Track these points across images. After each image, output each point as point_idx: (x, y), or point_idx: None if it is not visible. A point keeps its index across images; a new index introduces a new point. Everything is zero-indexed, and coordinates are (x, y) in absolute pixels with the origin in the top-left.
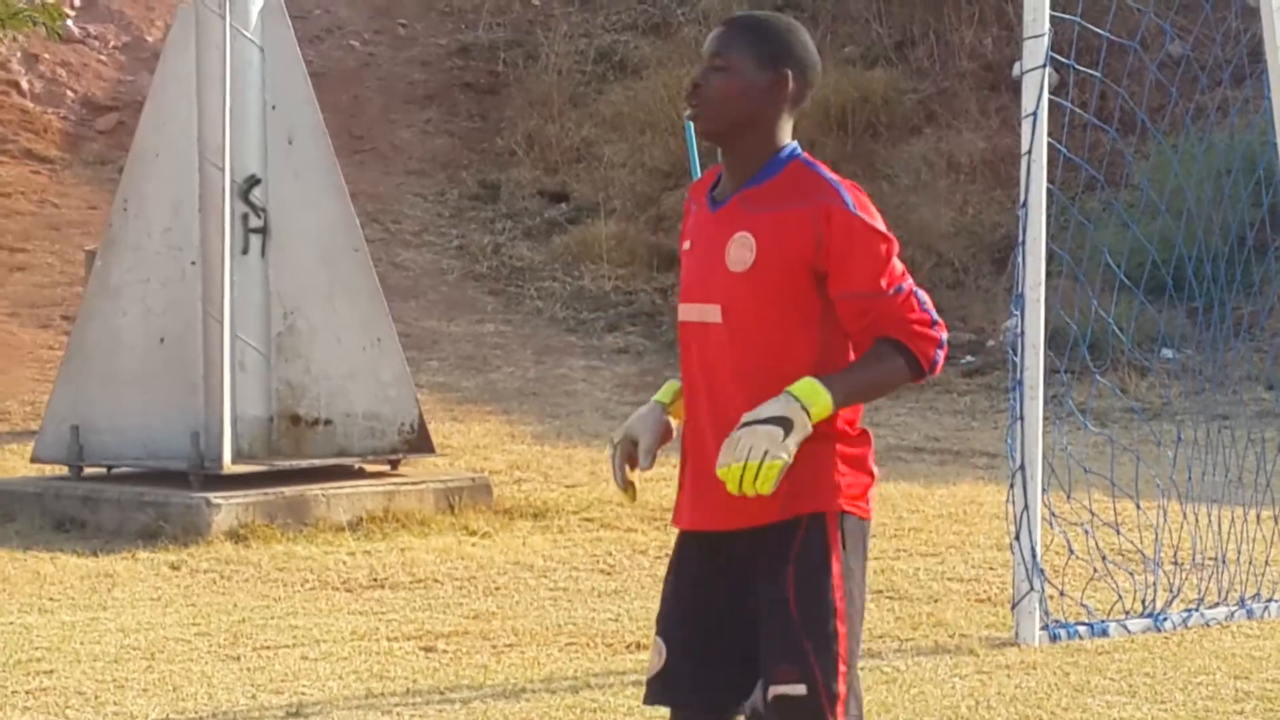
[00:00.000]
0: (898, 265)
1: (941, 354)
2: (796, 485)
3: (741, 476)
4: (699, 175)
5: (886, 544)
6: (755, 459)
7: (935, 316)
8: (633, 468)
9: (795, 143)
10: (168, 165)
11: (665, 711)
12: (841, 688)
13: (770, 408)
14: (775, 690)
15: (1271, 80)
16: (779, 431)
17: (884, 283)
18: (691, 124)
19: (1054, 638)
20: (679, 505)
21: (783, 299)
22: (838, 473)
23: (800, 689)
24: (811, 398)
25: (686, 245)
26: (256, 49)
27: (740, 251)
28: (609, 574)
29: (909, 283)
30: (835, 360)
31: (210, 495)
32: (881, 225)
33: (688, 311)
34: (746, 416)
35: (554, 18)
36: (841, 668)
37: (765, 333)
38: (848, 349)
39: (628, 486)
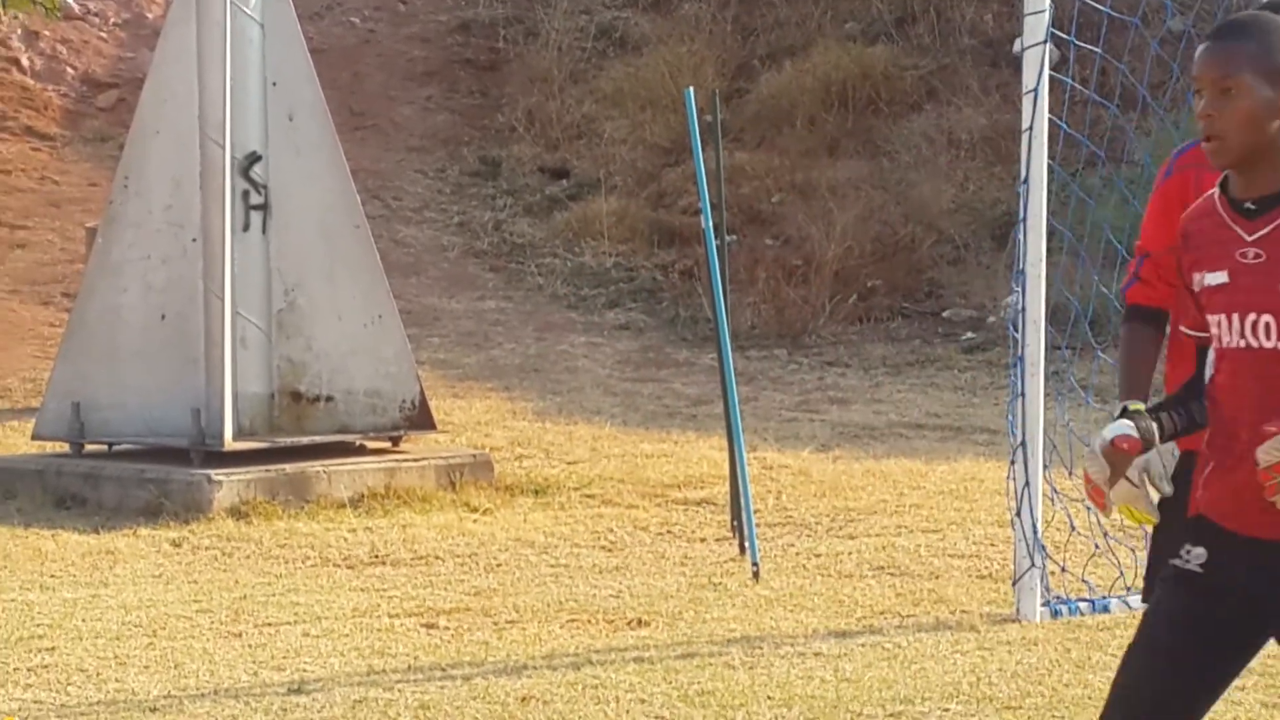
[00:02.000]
0: None
1: None
2: None
3: None
4: (700, 154)
5: (887, 520)
6: None
7: None
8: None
9: None
10: (168, 142)
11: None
12: None
13: None
14: None
15: None
16: None
17: None
18: (692, 97)
19: (1055, 614)
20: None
21: None
22: None
23: None
24: None
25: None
26: (257, 25)
27: None
28: (610, 550)
29: None
30: None
31: (211, 472)
32: None
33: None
34: None
35: None
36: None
37: None
38: None
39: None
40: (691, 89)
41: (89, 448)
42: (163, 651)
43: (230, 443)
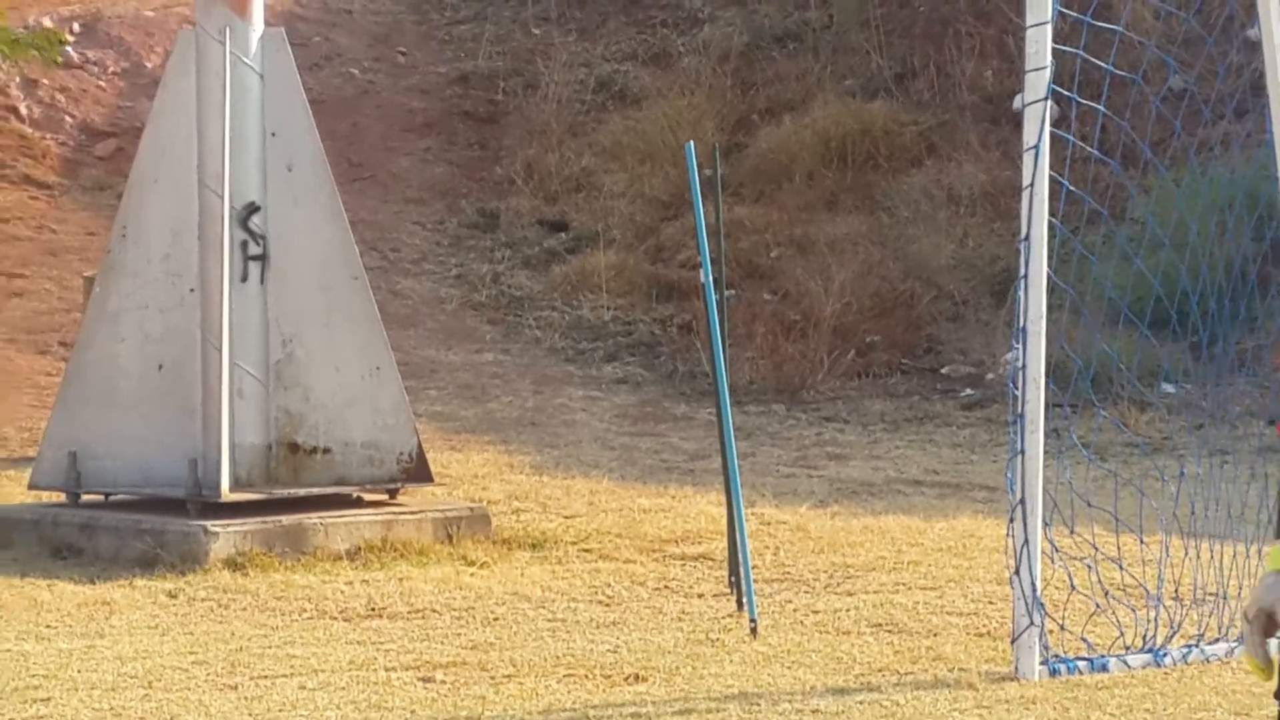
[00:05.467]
0: None
1: None
2: None
3: None
4: (700, 208)
5: (885, 577)
6: None
7: None
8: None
9: None
10: (167, 191)
11: None
12: None
13: None
14: None
15: (1273, 115)
16: None
17: None
18: (693, 151)
19: (1054, 672)
20: None
21: None
22: None
23: None
24: None
25: None
26: (256, 76)
27: None
28: (607, 605)
29: None
30: None
31: (208, 523)
32: None
33: None
34: None
35: (554, 47)
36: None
37: None
38: None
39: (1269, 664)
40: (692, 143)
41: (85, 498)
42: (158, 703)
43: (227, 494)
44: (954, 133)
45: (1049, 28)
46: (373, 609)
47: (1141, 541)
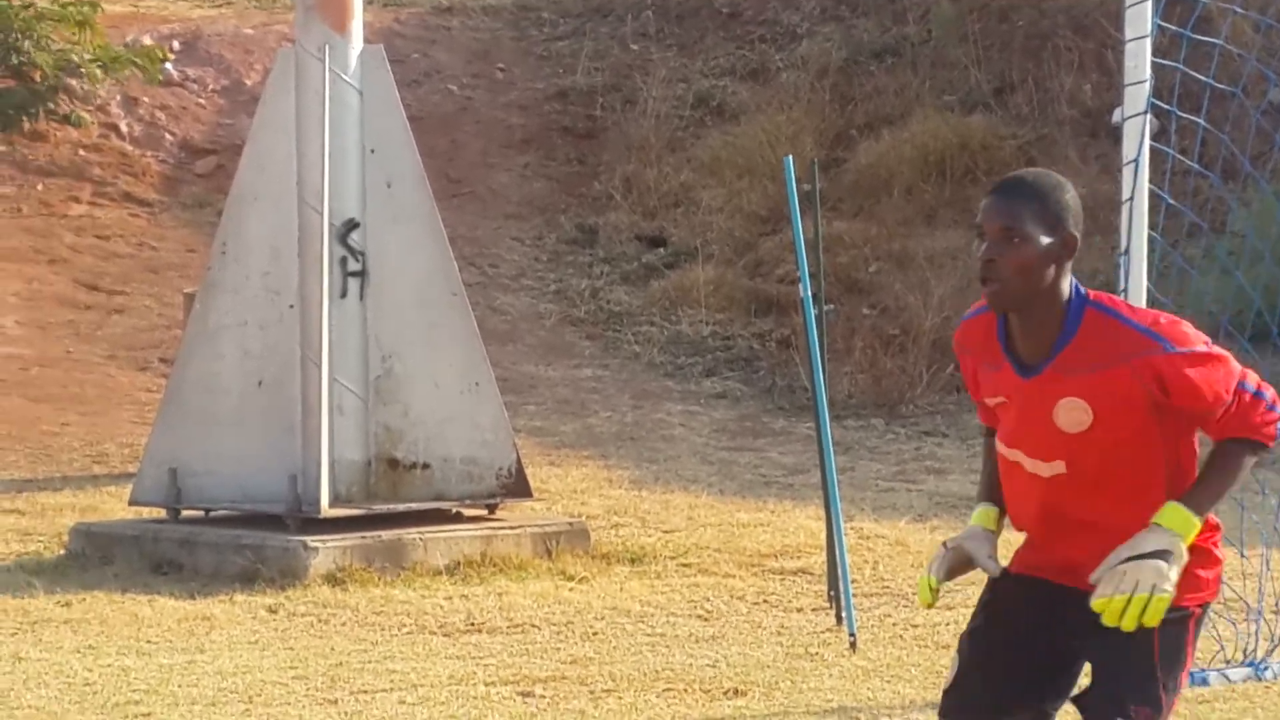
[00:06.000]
0: (1233, 367)
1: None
2: None
3: (1125, 610)
4: (799, 223)
5: (967, 592)
6: (1143, 592)
7: (1267, 398)
8: (948, 578)
9: (1074, 279)
10: (267, 208)
11: None
12: None
13: (1150, 541)
14: None
15: None
16: (1163, 564)
17: (1227, 394)
18: (791, 165)
19: None
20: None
21: (1128, 443)
22: (1200, 566)
23: None
24: (1183, 526)
25: (999, 400)
26: (355, 92)
27: (1074, 414)
28: (706, 620)
29: (1247, 379)
30: (1182, 469)
31: (308, 539)
32: (1203, 346)
33: (1020, 458)
34: (1125, 551)
35: (652, 62)
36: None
37: (1114, 475)
38: (1191, 454)
39: (933, 593)
40: (790, 157)
41: (185, 513)
42: (259, 718)
43: (326, 509)
44: (1053, 147)
45: (1148, 41)
46: (472, 624)
47: (1242, 555)
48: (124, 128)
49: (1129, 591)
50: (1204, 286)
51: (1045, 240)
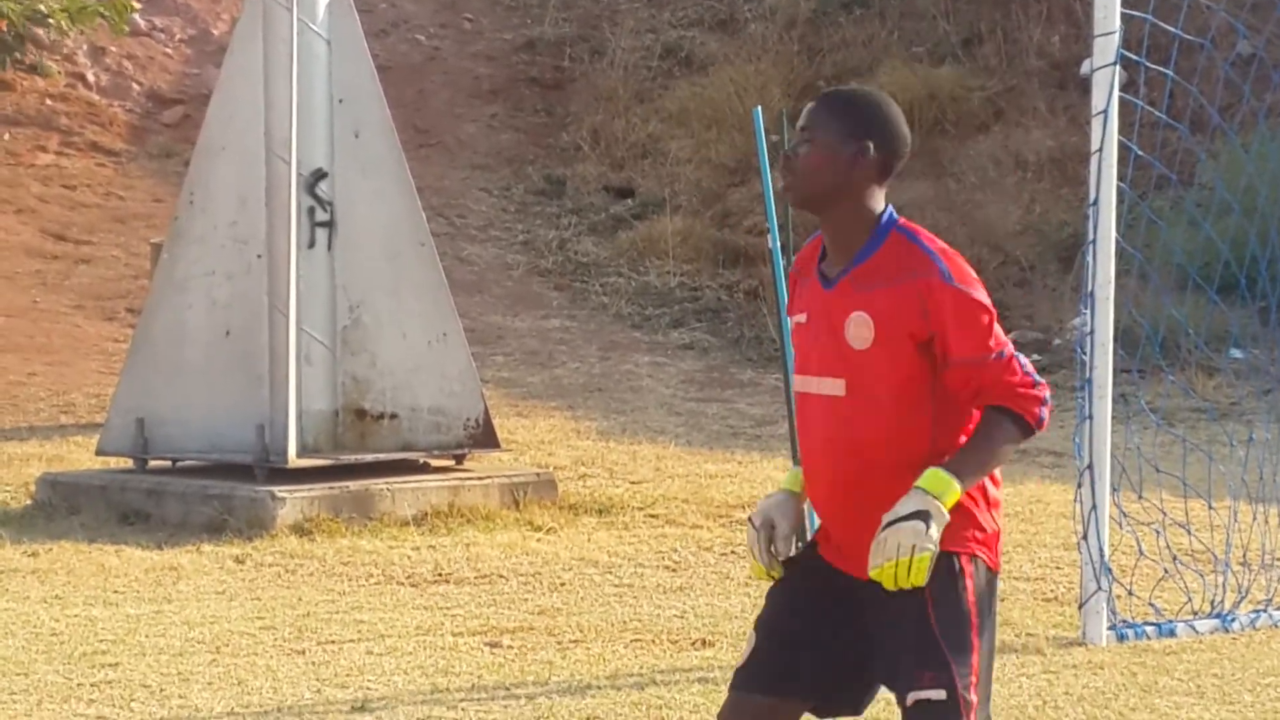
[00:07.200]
0: (999, 332)
1: (1046, 411)
2: None
3: (895, 573)
4: (768, 174)
5: None
6: (905, 555)
7: (1037, 378)
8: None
9: (890, 208)
10: (234, 158)
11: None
12: (974, 695)
13: (907, 504)
14: (916, 695)
15: None
16: (921, 525)
17: (985, 349)
18: (760, 116)
19: (1121, 637)
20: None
21: (901, 371)
22: (967, 523)
23: (940, 694)
24: (941, 488)
25: (802, 319)
26: (323, 42)
27: (860, 329)
28: (674, 570)
29: (1009, 348)
30: (948, 426)
31: (275, 489)
32: (980, 294)
33: (807, 384)
34: (886, 517)
35: (620, 13)
36: (974, 678)
37: (887, 403)
38: (958, 414)
39: (773, 567)
40: (759, 108)
41: (153, 464)
42: (226, 668)
43: (294, 460)
44: (1021, 98)
45: None
46: (439, 574)
47: (1210, 506)
48: (91, 77)
49: (894, 556)
50: (1172, 238)
51: (840, 146)
